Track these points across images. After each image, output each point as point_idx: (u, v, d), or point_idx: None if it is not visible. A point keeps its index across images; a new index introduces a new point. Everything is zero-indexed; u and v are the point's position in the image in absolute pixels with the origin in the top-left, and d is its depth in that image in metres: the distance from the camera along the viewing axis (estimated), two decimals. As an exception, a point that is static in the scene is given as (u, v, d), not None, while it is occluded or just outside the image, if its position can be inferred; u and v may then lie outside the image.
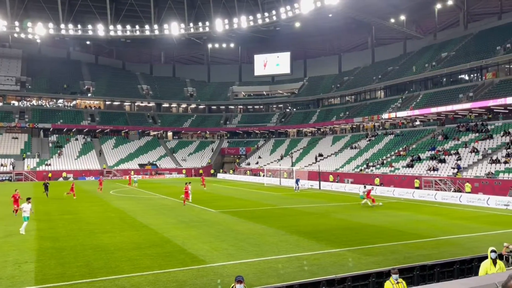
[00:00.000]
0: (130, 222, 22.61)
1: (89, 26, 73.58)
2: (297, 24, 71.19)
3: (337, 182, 49.67)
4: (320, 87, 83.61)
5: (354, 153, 57.90)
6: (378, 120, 61.35)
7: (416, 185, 39.38)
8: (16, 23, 69.48)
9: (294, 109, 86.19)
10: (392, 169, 46.62)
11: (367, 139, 61.01)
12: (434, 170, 41.63)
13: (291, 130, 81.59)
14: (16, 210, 23.64)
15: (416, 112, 53.88)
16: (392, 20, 69.49)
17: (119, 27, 73.93)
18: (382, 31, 77.16)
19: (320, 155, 62.78)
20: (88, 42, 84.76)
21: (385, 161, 50.03)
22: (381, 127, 63.67)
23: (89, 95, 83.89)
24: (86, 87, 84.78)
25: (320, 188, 46.98)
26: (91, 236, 18.55)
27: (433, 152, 45.61)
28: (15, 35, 74.04)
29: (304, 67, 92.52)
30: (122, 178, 67.23)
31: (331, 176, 51.70)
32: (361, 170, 50.84)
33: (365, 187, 33.80)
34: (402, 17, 69.33)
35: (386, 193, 39.25)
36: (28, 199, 20.57)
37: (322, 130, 74.99)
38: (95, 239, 17.87)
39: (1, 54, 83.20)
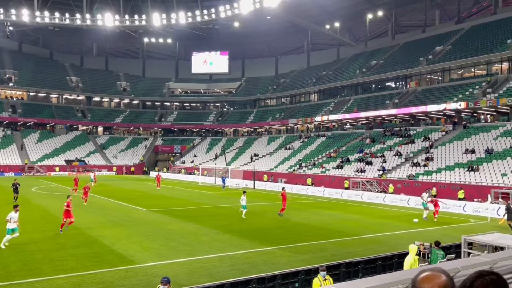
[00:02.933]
0: (53, 222, 21.28)
1: (12, 11, 68.21)
2: (236, 24, 71.47)
3: (271, 181, 50.55)
4: (257, 88, 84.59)
5: (288, 153, 59.29)
6: (311, 122, 63.36)
7: (346, 185, 41.20)
8: None
9: (231, 109, 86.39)
10: (323, 170, 48.37)
11: (301, 140, 62.76)
12: (361, 171, 43.83)
13: (227, 129, 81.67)
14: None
15: (347, 116, 56.40)
16: (328, 26, 72.22)
17: (46, 13, 69.33)
18: (318, 37, 79.84)
19: (256, 155, 63.51)
20: (10, 28, 78.47)
21: (316, 162, 51.77)
22: (314, 129, 65.82)
23: (10, 84, 77.57)
24: (7, 76, 78.32)
25: (254, 187, 47.51)
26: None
27: (361, 155, 48.00)
28: None
29: (242, 67, 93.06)
30: (46, 174, 63.15)
31: (265, 175, 52.51)
32: (294, 170, 52.17)
33: (428, 192, 28.62)
34: (337, 24, 72.30)
35: (317, 193, 40.64)
36: (15, 207, 16.62)
37: (258, 130, 75.91)
38: (13, 240, 16.57)
39: None
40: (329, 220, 24.02)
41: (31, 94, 79.27)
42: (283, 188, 27.80)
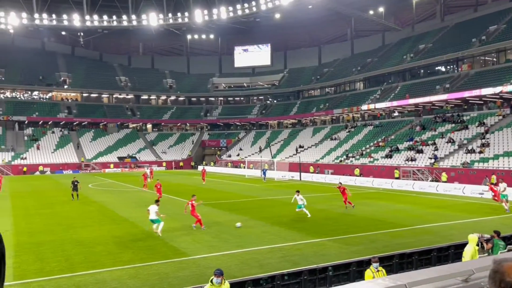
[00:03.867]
0: (110, 216, 22.33)
1: (65, 16, 71.71)
2: (277, 16, 71.07)
3: (317, 173, 50.13)
4: (301, 79, 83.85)
5: (334, 144, 58.46)
6: (357, 111, 62.01)
7: (396, 175, 40.08)
8: (-12, 13, 67.20)
9: (275, 101, 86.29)
10: (371, 159, 47.29)
11: (347, 130, 61.65)
12: (412, 160, 42.43)
13: (271, 122, 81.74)
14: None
15: (395, 103, 54.66)
16: (371, 12, 70.08)
17: (95, 17, 72.33)
18: (361, 23, 77.74)
19: (301, 146, 63.16)
20: (63, 33, 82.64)
21: (364, 152, 50.70)
22: (360, 118, 64.41)
23: (65, 87, 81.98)
24: (62, 78, 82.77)
25: (300, 179, 47.33)
26: (70, 231, 18.26)
27: (411, 143, 46.45)
28: (-13, 25, 71.60)
29: (285, 59, 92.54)
30: (101, 171, 66.25)
31: (311, 167, 52.11)
32: (340, 161, 51.42)
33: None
34: (381, 9, 69.98)
35: (366, 183, 39.85)
36: (156, 201, 18.47)
37: (302, 121, 75.37)
38: (74, 234, 17.60)
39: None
40: (379, 210, 23.50)
41: (84, 95, 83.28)
42: (340, 183, 26.40)
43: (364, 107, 59.53)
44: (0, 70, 77.72)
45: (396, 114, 59.27)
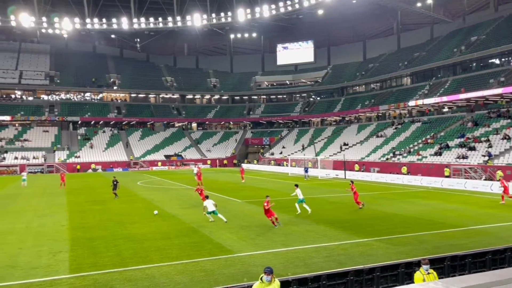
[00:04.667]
0: (159, 213, 22.98)
1: (114, 20, 74.58)
2: (320, 12, 70.11)
3: (362, 171, 49.12)
4: (344, 75, 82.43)
5: (380, 141, 57.03)
6: (404, 107, 60.13)
7: (446, 173, 38.52)
8: (44, 19, 71.09)
9: (318, 98, 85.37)
10: (420, 157, 45.71)
11: (394, 127, 59.94)
12: (463, 158, 40.59)
13: (315, 119, 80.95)
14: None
15: (444, 98, 52.48)
16: (419, 4, 67.55)
17: (142, 19, 74.71)
18: (408, 16, 75.17)
19: (345, 144, 62.13)
20: (113, 36, 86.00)
21: (412, 150, 49.09)
22: (407, 115, 62.39)
23: (115, 88, 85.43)
24: (112, 80, 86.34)
25: (345, 177, 46.57)
26: (120, 226, 18.99)
27: (462, 140, 44.44)
28: (43, 30, 75.80)
29: (328, 55, 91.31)
30: (148, 169, 68.43)
31: (356, 165, 51.14)
32: (387, 159, 50.08)
33: None
34: (429, 1, 67.27)
35: (414, 182, 38.59)
36: (206, 197, 20.29)
37: (346, 118, 74.09)
38: (124, 229, 18.28)
39: (30, 49, 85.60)
40: (429, 210, 22.67)
41: (133, 95, 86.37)
42: (351, 181, 25.80)
43: (412, 103, 57.61)
44: (55, 73, 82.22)
45: (445, 110, 56.89)
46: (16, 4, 69.07)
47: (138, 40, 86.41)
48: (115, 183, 29.94)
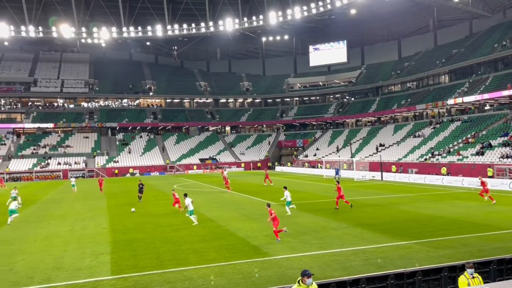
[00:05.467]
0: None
1: (148, 27, 76.51)
2: (353, 11, 69.09)
3: (400, 172, 47.93)
4: (379, 75, 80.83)
5: (418, 141, 55.49)
6: (443, 106, 58.26)
7: (489, 174, 36.99)
8: (83, 29, 73.86)
9: (352, 99, 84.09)
10: (460, 157, 44.13)
11: (432, 126, 58.19)
12: (508, 157, 38.85)
13: (349, 120, 79.79)
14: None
15: (486, 96, 50.45)
16: (456, 0, 65.30)
17: (176, 26, 76.21)
18: (444, 12, 72.84)
19: (381, 145, 60.87)
20: (148, 43, 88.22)
21: (452, 149, 47.47)
22: (446, 114, 60.42)
23: (151, 94, 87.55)
24: (147, 86, 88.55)
25: (382, 179, 45.61)
26: (158, 229, 19.40)
27: (506, 138, 42.54)
28: (83, 40, 78.75)
29: (362, 55, 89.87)
30: (184, 172, 69.56)
31: (393, 166, 49.97)
32: (426, 159, 48.66)
33: None
34: (467, -5, 64.90)
35: (454, 183, 37.29)
36: (185, 195, 21.94)
37: (382, 119, 72.58)
38: (162, 232, 18.66)
39: (70, 59, 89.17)
40: (471, 212, 21.82)
41: (168, 101, 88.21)
42: (337, 182, 27.07)
43: (451, 101, 55.75)
44: (94, 81, 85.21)
45: (487, 107, 54.68)
46: (57, 15, 72.13)
47: (175, 48, 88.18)
48: (140, 186, 31.39)
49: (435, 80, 67.76)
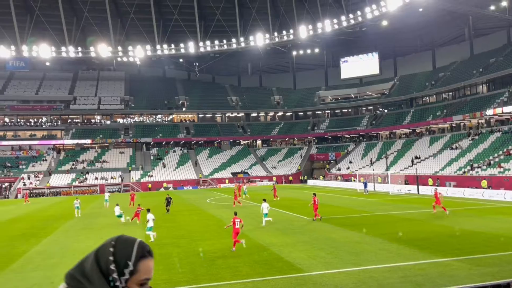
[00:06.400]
0: (227, 230, 23.35)
1: (181, 45, 78.38)
2: (384, 23, 68.41)
3: (437, 185, 46.43)
4: (413, 86, 79.26)
5: (455, 154, 53.74)
6: (481, 117, 56.36)
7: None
8: (119, 48, 76.56)
9: (385, 111, 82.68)
10: (501, 170, 42.36)
11: (470, 138, 56.27)
12: (553, 169, 36.97)
13: (382, 133, 78.36)
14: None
15: (527, 105, 48.46)
16: (492, 8, 63.53)
17: (208, 43, 77.69)
18: (481, 21, 70.95)
19: (417, 157, 59.34)
20: (180, 60, 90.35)
21: (492, 162, 45.66)
22: (485, 125, 58.33)
23: (183, 109, 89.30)
24: (180, 102, 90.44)
25: (418, 192, 44.32)
26: (192, 243, 19.56)
27: (551, 150, 40.56)
28: (118, 58, 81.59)
29: (394, 66, 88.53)
30: (216, 186, 70.07)
31: (430, 179, 48.52)
32: (464, 172, 46.98)
33: None
34: (504, 3, 62.95)
35: (496, 196, 35.76)
36: (148, 210, 22.31)
37: (417, 131, 70.87)
38: (196, 246, 18.79)
39: (107, 77, 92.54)
40: (515, 228, 20.81)
41: (200, 116, 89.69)
42: (314, 194, 27.48)
43: (489, 111, 53.86)
44: (129, 97, 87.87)
45: (529, 117, 52.45)
46: (95, 36, 75.20)
47: (204, 63, 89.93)
48: (168, 200, 32.70)
49: (472, 90, 65.72)
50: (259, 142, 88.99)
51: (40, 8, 68.35)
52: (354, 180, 59.84)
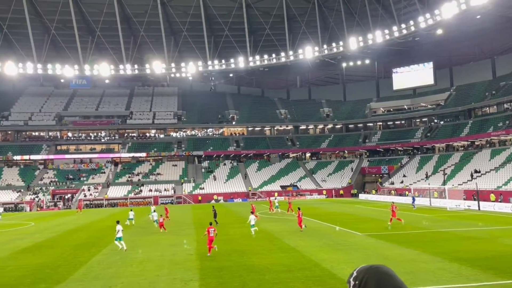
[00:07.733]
0: (277, 244, 23.31)
1: (231, 60, 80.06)
2: (439, 31, 66.05)
3: (500, 201, 43.67)
4: (471, 96, 75.59)
5: (520, 167, 50.40)
6: (548, 128, 52.56)
7: None
8: (172, 65, 79.52)
9: (441, 122, 79.33)
10: None
11: (536, 151, 52.62)
12: None
13: (438, 145, 75.11)
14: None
15: None
16: (559, 11, 59.56)
17: (257, 57, 78.78)
18: (545, 25, 66.67)
19: (477, 171, 56.26)
20: (231, 75, 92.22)
21: (562, 176, 42.31)
22: (553, 136, 54.36)
23: (233, 123, 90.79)
24: (231, 115, 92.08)
25: (479, 209, 41.88)
26: (243, 257, 19.65)
27: None
28: (172, 75, 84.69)
29: (450, 76, 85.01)
30: (266, 199, 70.17)
31: (492, 195, 45.74)
32: (530, 187, 43.89)
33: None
34: None
35: None
36: (117, 222, 23.67)
37: (476, 143, 67.30)
38: (247, 260, 18.87)
39: (161, 92, 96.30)
40: None
41: (249, 129, 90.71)
42: (299, 208, 29.81)
43: (558, 122, 50.10)
44: (182, 112, 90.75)
45: None
46: (150, 53, 78.70)
47: (254, 76, 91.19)
48: (214, 212, 35.24)
49: (537, 100, 61.62)
50: (308, 155, 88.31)
51: (101, 29, 72.66)
52: (408, 194, 57.66)
